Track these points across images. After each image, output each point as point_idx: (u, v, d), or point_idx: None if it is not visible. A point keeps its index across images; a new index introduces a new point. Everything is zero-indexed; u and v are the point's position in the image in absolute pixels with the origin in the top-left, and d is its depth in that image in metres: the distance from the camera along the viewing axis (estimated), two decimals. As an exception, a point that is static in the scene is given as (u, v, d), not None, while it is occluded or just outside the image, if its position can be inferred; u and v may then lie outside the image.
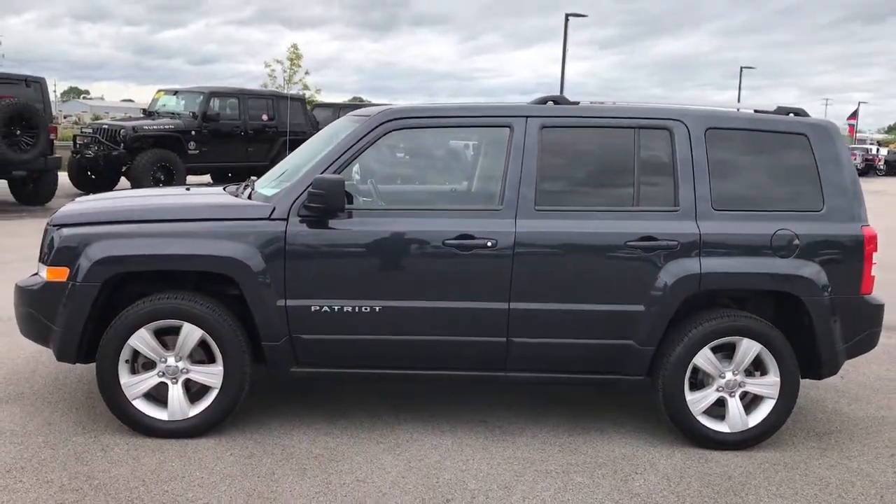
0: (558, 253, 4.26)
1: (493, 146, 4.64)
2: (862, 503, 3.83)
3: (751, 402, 4.41)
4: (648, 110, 4.49)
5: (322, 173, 4.19)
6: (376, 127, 4.31)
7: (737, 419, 4.33)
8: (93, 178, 16.12)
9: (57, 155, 14.20)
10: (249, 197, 4.53)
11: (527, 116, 4.35)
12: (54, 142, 14.10)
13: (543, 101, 4.52)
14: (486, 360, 4.33)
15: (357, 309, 4.18)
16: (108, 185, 15.67)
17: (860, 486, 4.00)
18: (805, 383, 5.07)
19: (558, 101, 4.53)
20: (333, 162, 4.26)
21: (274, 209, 4.20)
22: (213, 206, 4.49)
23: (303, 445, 4.20)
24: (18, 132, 13.03)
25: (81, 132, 16.61)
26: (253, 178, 5.13)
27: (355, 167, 4.60)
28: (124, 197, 5.07)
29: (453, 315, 4.23)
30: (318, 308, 4.17)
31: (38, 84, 13.91)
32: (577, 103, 4.59)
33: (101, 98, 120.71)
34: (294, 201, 4.20)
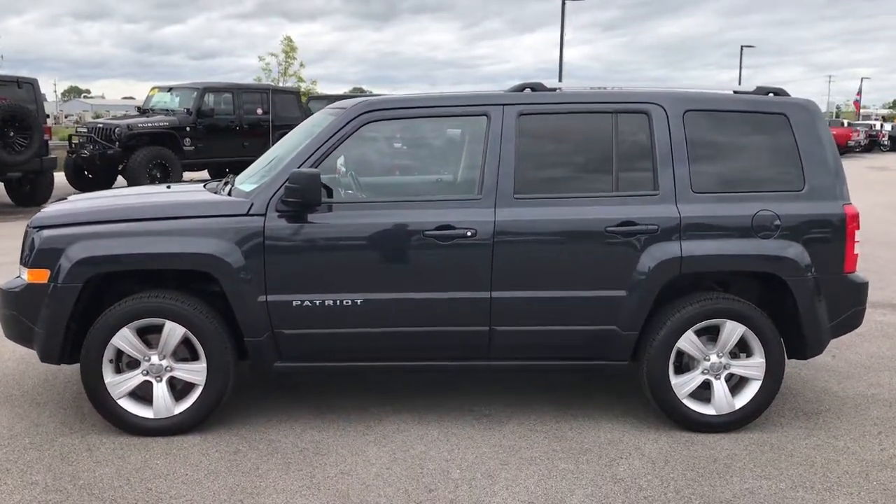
0: (538, 241, 4.25)
1: (473, 136, 4.62)
2: (846, 481, 3.82)
3: (737, 384, 4.40)
4: (626, 94, 4.46)
5: (299, 167, 4.19)
6: (352, 119, 4.29)
7: (723, 401, 4.32)
8: (90, 177, 16.12)
9: (52, 155, 14.21)
10: (230, 193, 4.52)
11: (504, 104, 4.33)
12: (49, 142, 14.09)
13: (521, 88, 4.50)
14: (469, 350, 4.33)
15: (338, 303, 4.18)
16: (105, 184, 15.67)
17: (845, 465, 3.99)
18: (795, 363, 5.07)
19: (536, 87, 4.50)
20: (310, 156, 4.25)
21: (252, 205, 4.20)
22: (192, 203, 4.49)
23: (288, 440, 4.21)
24: (12, 134, 13.03)
25: (77, 132, 16.61)
26: (228, 172, 5.12)
27: (340, 160, 4.60)
28: (104, 197, 5.06)
29: (435, 306, 4.22)
30: (299, 303, 4.17)
31: (31, 85, 13.90)
32: (555, 90, 4.56)
33: (102, 97, 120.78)
34: (272, 196, 4.19)
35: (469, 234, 4.17)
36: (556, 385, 5.05)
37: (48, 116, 18.84)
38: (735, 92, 4.66)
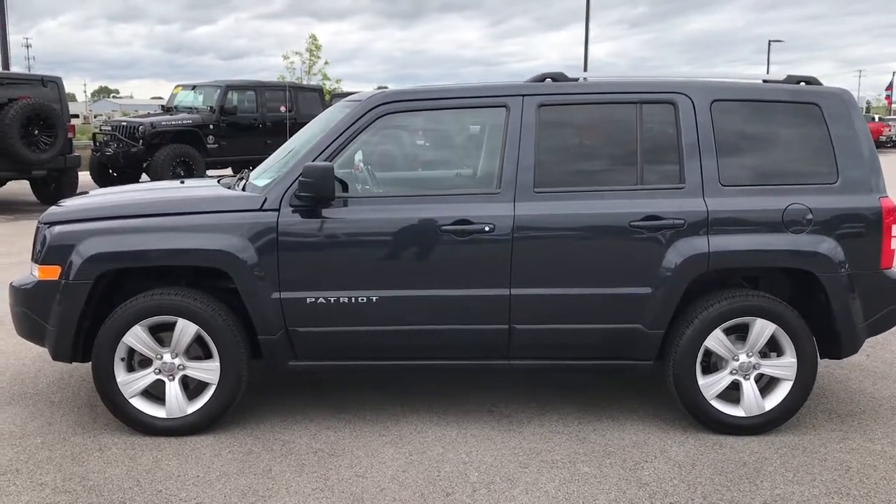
0: (559, 236, 4.10)
1: (492, 128, 4.49)
2: (884, 487, 3.64)
3: (767, 384, 4.23)
4: (651, 84, 4.31)
5: (313, 161, 4.08)
6: (367, 112, 4.18)
7: (752, 403, 4.15)
8: (114, 175, 16.19)
9: (76, 154, 14.27)
10: (244, 188, 4.43)
11: (523, 95, 4.19)
12: (73, 141, 14.15)
13: (541, 78, 4.36)
14: (488, 349, 4.20)
15: (353, 300, 4.07)
16: (130, 181, 15.68)
17: (883, 470, 3.81)
18: (828, 363, 4.89)
19: (557, 77, 4.36)
20: (325, 149, 4.15)
21: (265, 200, 4.10)
22: (205, 198, 4.40)
23: (303, 440, 4.11)
24: (36, 132, 13.10)
25: (101, 130, 16.70)
26: (247, 169, 5.04)
27: (358, 155, 4.49)
28: (117, 192, 5.00)
29: (452, 303, 4.10)
30: (313, 300, 4.06)
31: (55, 84, 13.95)
32: (577, 80, 4.42)
33: (131, 96, 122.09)
34: (286, 191, 4.09)
35: (487, 228, 4.04)
36: (578, 385, 4.90)
37: (75, 116, 18.98)
38: (765, 81, 4.48)
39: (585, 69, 32.90)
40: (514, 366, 4.26)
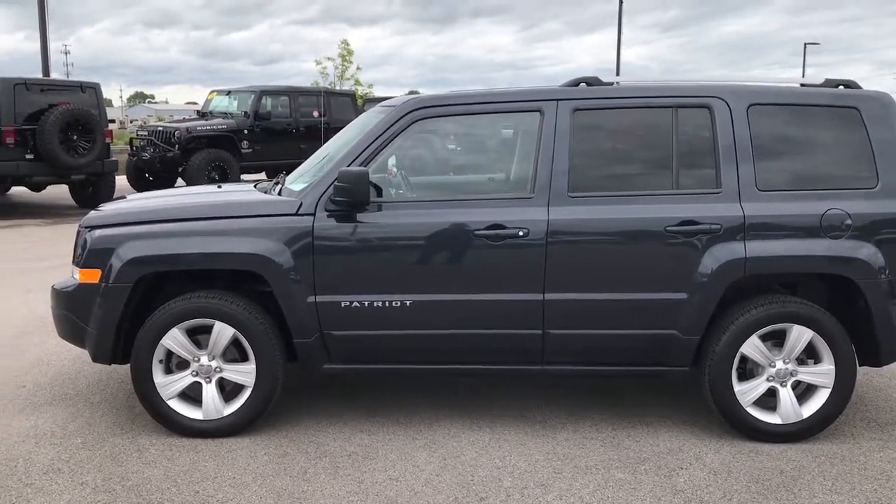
0: (594, 240, 4.09)
1: (526, 132, 4.49)
2: (926, 499, 3.58)
3: (804, 391, 4.18)
4: (687, 88, 4.28)
5: (348, 166, 4.11)
6: (402, 117, 4.21)
7: (789, 410, 4.10)
8: (150, 179, 16.44)
9: (114, 158, 14.52)
10: (280, 193, 4.48)
11: (558, 100, 4.19)
12: (110, 145, 14.39)
13: (576, 83, 4.35)
14: (522, 353, 4.20)
15: (387, 304, 4.09)
16: (165, 186, 15.91)
17: (924, 481, 3.75)
18: (868, 370, 4.82)
19: (591, 82, 4.34)
20: (360, 154, 4.18)
21: (301, 204, 4.14)
22: (242, 203, 4.46)
23: (337, 443, 4.14)
24: (75, 137, 13.35)
25: (137, 135, 16.96)
26: (283, 173, 5.09)
27: (391, 160, 4.51)
28: (156, 197, 5.08)
29: (487, 307, 4.11)
30: (348, 303, 4.09)
31: (93, 90, 14.21)
32: (611, 84, 4.40)
33: (166, 101, 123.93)
34: (321, 196, 4.13)
35: (521, 233, 4.04)
36: (612, 391, 4.88)
37: (112, 121, 19.30)
38: (802, 85, 4.43)
39: (618, 73, 32.75)
40: (547, 371, 4.25)
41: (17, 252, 10.08)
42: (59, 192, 15.43)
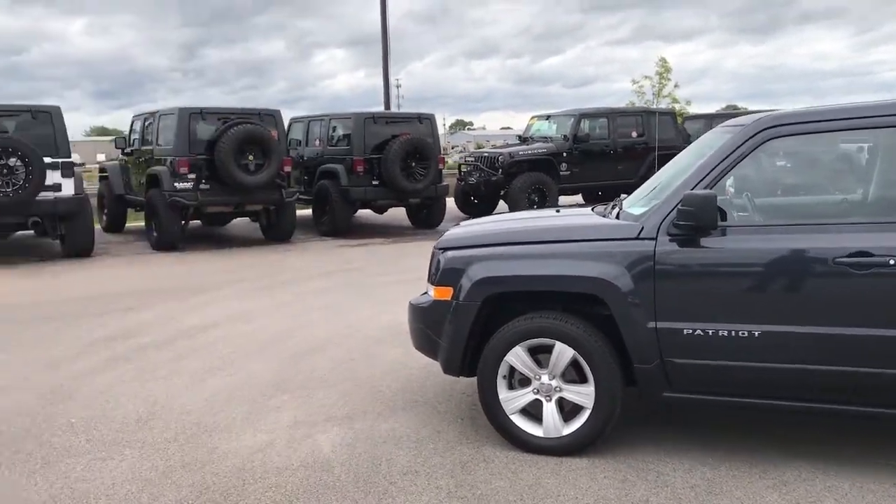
0: None
1: (890, 149, 4.05)
2: None
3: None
4: None
5: (692, 189, 4.01)
6: (752, 137, 4.01)
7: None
8: (475, 202, 17.46)
9: (444, 183, 15.66)
10: (617, 216, 4.50)
11: (942, 112, 3.72)
12: (442, 171, 15.55)
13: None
14: (888, 395, 3.76)
15: (734, 333, 3.91)
16: (489, 208, 16.85)
17: None
18: None
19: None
20: (704, 177, 4.06)
21: (642, 228, 4.11)
22: (582, 227, 4.54)
23: (678, 474, 4.03)
24: (413, 164, 14.62)
25: (465, 161, 18.13)
26: (623, 196, 5.10)
27: (729, 181, 4.33)
28: (500, 220, 5.35)
29: (848, 343, 3.75)
30: (690, 331, 3.98)
31: (429, 120, 15.48)
32: None
33: (483, 128, 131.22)
34: (663, 220, 4.07)
35: (892, 262, 3.64)
36: None
37: (442, 148, 20.82)
38: None
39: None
40: (922, 416, 3.76)
41: (365, 268, 11.22)
42: (397, 214, 16.98)
